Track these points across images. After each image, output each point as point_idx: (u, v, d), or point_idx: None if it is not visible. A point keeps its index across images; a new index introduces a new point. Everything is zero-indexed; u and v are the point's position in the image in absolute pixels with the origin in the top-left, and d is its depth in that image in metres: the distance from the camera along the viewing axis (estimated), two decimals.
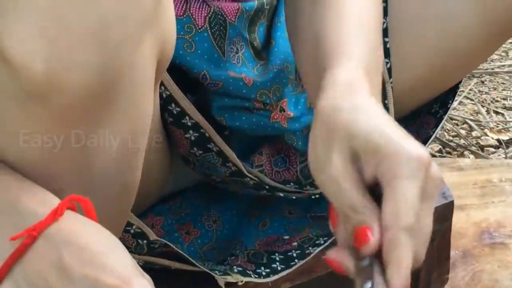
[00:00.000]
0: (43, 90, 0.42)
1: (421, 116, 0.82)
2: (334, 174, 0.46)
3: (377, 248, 0.42)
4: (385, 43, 0.75)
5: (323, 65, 0.54)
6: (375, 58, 0.58)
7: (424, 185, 0.44)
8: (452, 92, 0.80)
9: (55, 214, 0.47)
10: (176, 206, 0.80)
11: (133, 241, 0.67)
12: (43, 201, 0.48)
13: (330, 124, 0.48)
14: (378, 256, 0.42)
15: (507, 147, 1.24)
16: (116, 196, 0.57)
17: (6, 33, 0.40)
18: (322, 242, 0.74)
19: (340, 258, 0.46)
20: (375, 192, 0.44)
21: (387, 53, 0.74)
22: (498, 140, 1.26)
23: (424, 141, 0.78)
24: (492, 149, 1.24)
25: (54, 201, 0.48)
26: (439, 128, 0.79)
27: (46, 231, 0.46)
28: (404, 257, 0.43)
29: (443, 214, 0.84)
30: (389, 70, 0.75)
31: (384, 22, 0.75)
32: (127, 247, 0.62)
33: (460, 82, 0.81)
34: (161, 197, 0.78)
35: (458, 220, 0.99)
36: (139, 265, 0.65)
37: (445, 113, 0.80)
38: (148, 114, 0.53)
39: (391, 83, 0.76)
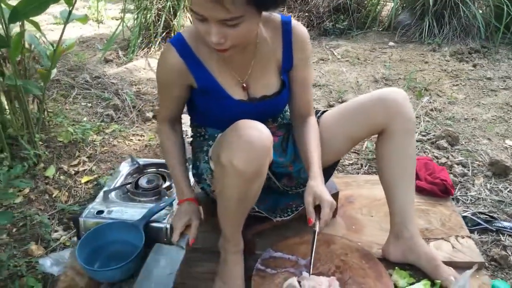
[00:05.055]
0: (242, 174, 0.90)
1: (329, 168, 1.26)
2: (307, 201, 0.98)
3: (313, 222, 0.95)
4: None
5: (307, 166, 1.06)
6: (320, 160, 1.08)
7: (331, 207, 0.98)
8: (338, 161, 1.27)
9: (187, 198, 1.09)
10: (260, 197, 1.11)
11: (253, 209, 1.11)
12: (189, 192, 1.08)
13: (309, 188, 0.99)
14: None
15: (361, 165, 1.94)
16: (251, 202, 1.03)
17: (233, 156, 0.88)
18: (299, 208, 1.21)
19: (311, 222, 0.97)
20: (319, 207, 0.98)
21: None
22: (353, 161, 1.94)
23: (329, 175, 1.27)
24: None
25: (191, 193, 1.09)
26: (334, 171, 1.30)
27: (183, 202, 1.09)
28: (324, 223, 0.97)
29: (335, 195, 1.34)
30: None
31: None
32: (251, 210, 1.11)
33: (339, 159, 1.27)
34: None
35: (341, 195, 1.43)
36: (251, 214, 1.13)
37: (335, 168, 1.29)
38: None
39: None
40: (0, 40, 1.66)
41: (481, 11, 3.45)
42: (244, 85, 1.07)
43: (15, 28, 1.91)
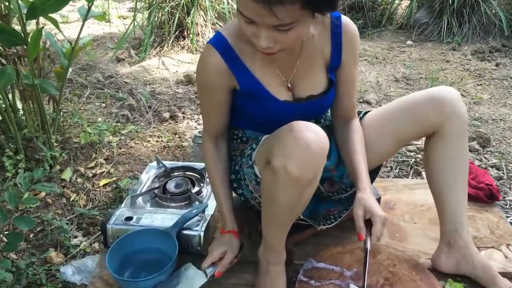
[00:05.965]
0: (298, 181, 0.82)
1: (372, 172, 1.18)
2: (357, 215, 0.93)
3: (364, 239, 0.90)
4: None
5: (354, 176, 1.01)
6: (367, 169, 1.03)
7: (384, 222, 0.93)
8: (381, 165, 1.20)
9: (229, 230, 1.04)
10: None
11: (298, 218, 1.01)
12: (232, 225, 1.04)
13: (359, 201, 0.94)
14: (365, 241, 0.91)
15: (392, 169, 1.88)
16: (301, 210, 0.95)
17: (288, 161, 0.80)
18: (342, 214, 1.13)
19: (362, 238, 0.92)
20: (369, 221, 0.93)
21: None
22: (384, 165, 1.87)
23: (372, 180, 1.17)
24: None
25: (234, 226, 1.04)
26: (377, 176, 1.22)
27: (225, 233, 1.05)
28: (375, 239, 0.92)
29: (378, 199, 1.27)
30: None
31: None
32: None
33: (382, 163, 1.20)
34: None
35: (383, 200, 1.39)
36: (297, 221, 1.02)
37: (378, 172, 1.22)
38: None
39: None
40: (17, 37, 1.58)
41: (498, 9, 3.36)
42: (289, 85, 1.00)
43: (29, 26, 1.84)
